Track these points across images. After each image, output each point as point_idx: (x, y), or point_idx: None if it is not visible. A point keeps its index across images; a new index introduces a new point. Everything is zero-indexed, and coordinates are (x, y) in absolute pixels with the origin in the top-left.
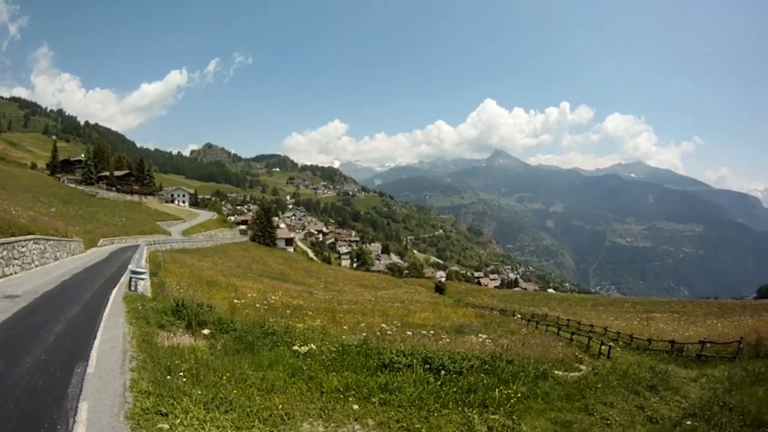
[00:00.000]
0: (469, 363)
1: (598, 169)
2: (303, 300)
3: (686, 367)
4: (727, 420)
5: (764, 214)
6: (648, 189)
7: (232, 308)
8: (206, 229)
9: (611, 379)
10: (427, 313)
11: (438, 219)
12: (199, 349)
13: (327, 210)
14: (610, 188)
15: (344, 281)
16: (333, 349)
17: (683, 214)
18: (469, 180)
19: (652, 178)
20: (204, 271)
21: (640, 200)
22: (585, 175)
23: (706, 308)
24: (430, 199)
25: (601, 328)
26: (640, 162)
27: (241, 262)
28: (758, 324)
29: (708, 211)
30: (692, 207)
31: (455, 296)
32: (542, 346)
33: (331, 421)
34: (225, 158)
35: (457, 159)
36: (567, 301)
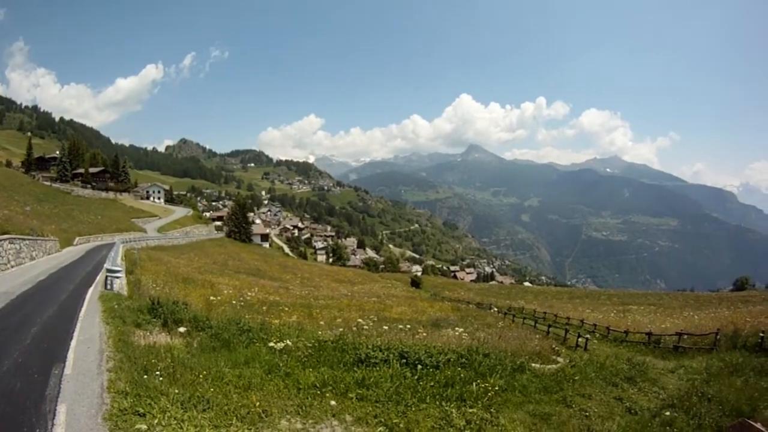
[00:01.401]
0: (446, 357)
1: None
2: (279, 296)
3: (664, 358)
4: (705, 410)
5: (739, 208)
6: (623, 183)
7: (208, 305)
8: (182, 225)
9: (589, 371)
10: (404, 308)
11: (413, 213)
12: (176, 348)
13: (302, 205)
14: (585, 183)
15: (320, 276)
16: (309, 345)
17: (658, 209)
18: (444, 174)
19: (628, 172)
20: (180, 269)
21: (616, 194)
22: (560, 169)
23: (682, 300)
24: (405, 193)
25: (578, 320)
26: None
27: (217, 258)
28: (735, 316)
29: (683, 206)
30: (667, 201)
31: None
32: (519, 339)
33: (309, 417)
34: (200, 154)
35: (432, 153)
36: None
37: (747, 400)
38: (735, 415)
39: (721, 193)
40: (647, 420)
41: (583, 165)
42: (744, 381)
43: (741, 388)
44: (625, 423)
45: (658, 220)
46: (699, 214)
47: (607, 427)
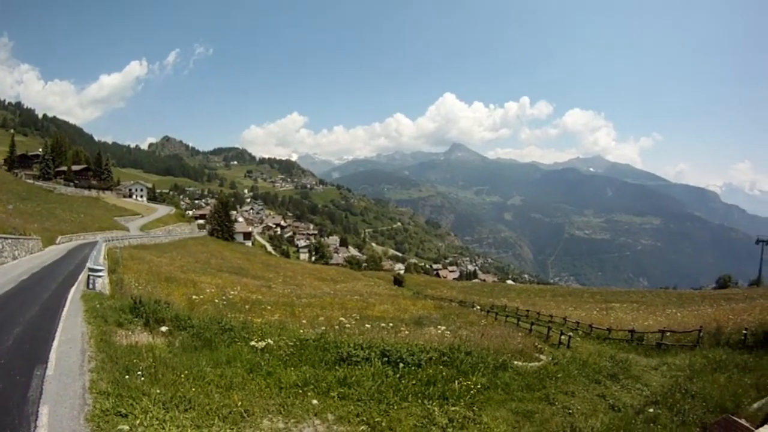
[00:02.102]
0: (428, 355)
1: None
2: (262, 294)
3: (647, 355)
4: (689, 407)
5: (722, 207)
6: (606, 183)
7: (190, 304)
8: (164, 224)
9: (571, 369)
10: (386, 306)
11: (396, 212)
12: (157, 347)
13: (285, 203)
14: (568, 182)
15: (303, 275)
16: (291, 343)
17: (641, 207)
18: (427, 173)
19: (611, 172)
20: (162, 267)
21: (599, 193)
22: (543, 168)
23: (665, 298)
24: (388, 192)
25: (561, 318)
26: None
27: (199, 257)
28: (718, 313)
29: (666, 205)
30: (650, 200)
31: (414, 288)
32: (502, 337)
33: (291, 416)
34: (183, 152)
35: (415, 152)
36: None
37: (731, 396)
38: (719, 411)
39: (704, 192)
40: (631, 417)
41: (566, 164)
42: (727, 378)
43: (725, 385)
44: (609, 420)
45: (641, 219)
46: (682, 213)
47: (591, 424)
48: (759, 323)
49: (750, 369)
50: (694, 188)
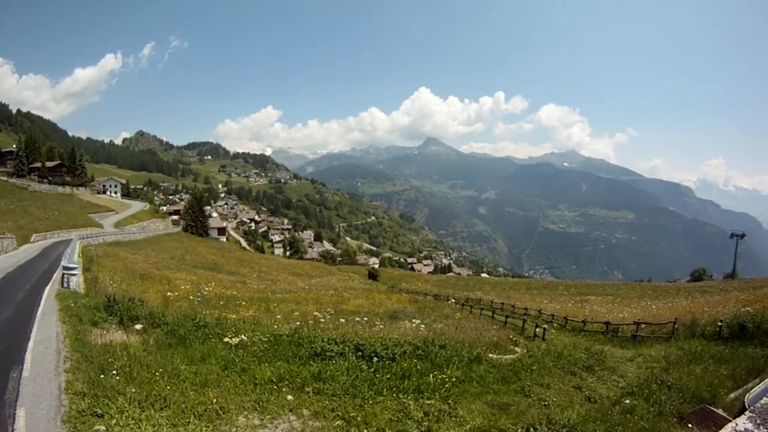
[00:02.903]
0: (402, 349)
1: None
2: (236, 290)
3: (622, 347)
4: (666, 398)
5: (696, 202)
6: (581, 177)
7: (165, 301)
8: (139, 220)
9: (546, 361)
10: (361, 300)
11: (370, 206)
12: (132, 346)
13: (259, 198)
14: (542, 176)
15: (277, 270)
16: (264, 339)
17: (615, 202)
18: (401, 167)
19: (585, 167)
20: (137, 264)
21: (573, 188)
22: (518, 163)
23: (640, 291)
24: (362, 186)
25: (536, 311)
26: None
27: (174, 253)
28: (692, 305)
29: (640, 199)
30: (624, 195)
31: (389, 282)
32: (476, 330)
33: (267, 413)
34: (157, 146)
35: (389, 146)
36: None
37: (707, 387)
38: (696, 402)
39: (678, 187)
40: (607, 408)
41: (541, 159)
42: (703, 368)
43: (701, 376)
44: (585, 411)
45: (615, 213)
46: (656, 207)
47: (567, 416)
48: (734, 315)
49: (726, 360)
50: (668, 183)
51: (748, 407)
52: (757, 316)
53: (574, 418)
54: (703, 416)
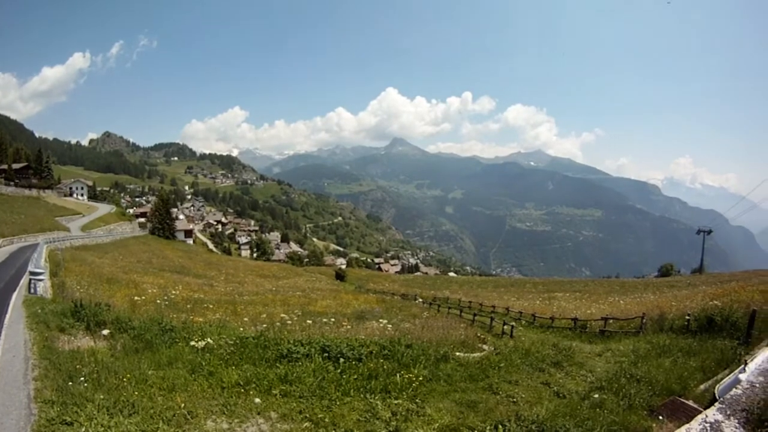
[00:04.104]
0: (368, 349)
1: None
2: (204, 293)
3: (590, 342)
4: (635, 391)
5: (663, 200)
6: (547, 176)
7: (132, 306)
8: (105, 223)
9: (514, 358)
10: (329, 301)
11: (337, 206)
12: (99, 351)
13: (226, 199)
14: (509, 175)
15: (245, 272)
16: (231, 342)
17: (582, 200)
18: (367, 167)
19: (552, 166)
20: (104, 268)
21: (540, 187)
22: (484, 162)
23: (608, 287)
24: (328, 186)
25: (504, 308)
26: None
27: (141, 256)
28: (660, 300)
29: (607, 197)
30: (591, 193)
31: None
32: (444, 329)
33: (235, 416)
34: (124, 147)
35: (356, 146)
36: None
37: (677, 379)
38: (666, 394)
39: (645, 186)
40: (576, 403)
41: (507, 158)
42: (672, 361)
43: (670, 369)
44: (554, 407)
45: (582, 211)
46: (623, 205)
47: (536, 412)
48: (702, 309)
49: (695, 353)
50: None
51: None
52: (724, 309)
53: (543, 414)
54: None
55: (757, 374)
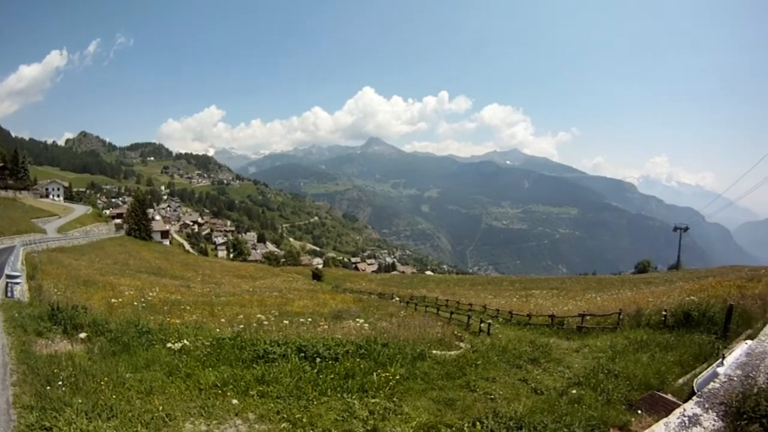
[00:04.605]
0: (345, 348)
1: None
2: (181, 295)
3: (568, 339)
4: (613, 386)
5: (639, 198)
6: (523, 175)
7: (110, 308)
8: (82, 224)
9: (491, 355)
10: (306, 301)
11: (313, 206)
12: (77, 355)
13: (202, 200)
14: (485, 174)
15: (221, 273)
16: (207, 343)
17: (558, 198)
18: (343, 167)
19: (528, 165)
20: (81, 271)
21: (516, 185)
22: (460, 161)
23: (584, 284)
24: (304, 186)
25: (481, 306)
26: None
27: (117, 258)
28: (637, 296)
29: (583, 196)
30: (567, 191)
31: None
32: (420, 327)
33: (213, 418)
34: (100, 147)
35: (332, 146)
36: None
37: (655, 374)
38: (644, 388)
39: (621, 184)
40: (554, 399)
41: (484, 157)
42: (650, 356)
43: (648, 363)
44: (532, 403)
45: (558, 209)
46: (599, 203)
47: (513, 408)
48: (679, 304)
49: (672, 347)
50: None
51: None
52: (701, 304)
53: (520, 411)
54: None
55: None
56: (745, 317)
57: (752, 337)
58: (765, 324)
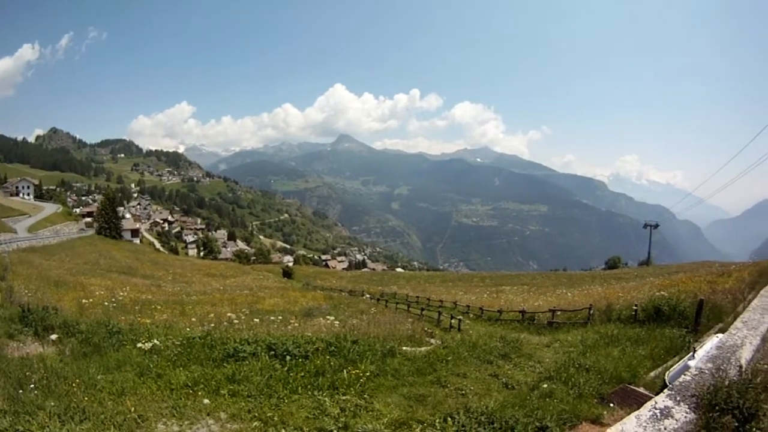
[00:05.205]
0: (314, 346)
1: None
2: (152, 294)
3: (538, 334)
4: (584, 380)
5: (609, 195)
6: (494, 172)
7: (81, 309)
8: (52, 223)
9: (462, 351)
10: (276, 299)
11: (283, 203)
12: (48, 357)
13: (172, 197)
14: (455, 172)
15: (192, 271)
16: (177, 343)
17: (528, 196)
18: (313, 164)
19: (498, 162)
20: (52, 271)
21: (486, 183)
22: (430, 159)
23: (555, 280)
24: (275, 183)
25: (452, 302)
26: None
27: (88, 257)
28: (608, 291)
29: (553, 193)
30: (537, 189)
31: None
32: (391, 324)
33: (185, 418)
34: (70, 144)
35: (302, 143)
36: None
37: (626, 367)
38: (615, 382)
39: (591, 182)
40: (525, 393)
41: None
42: (621, 350)
43: (619, 357)
44: (503, 398)
45: (529, 206)
46: (569, 200)
47: (485, 403)
48: (649, 299)
49: (643, 341)
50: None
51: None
52: (672, 299)
53: (492, 405)
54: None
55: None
56: (716, 312)
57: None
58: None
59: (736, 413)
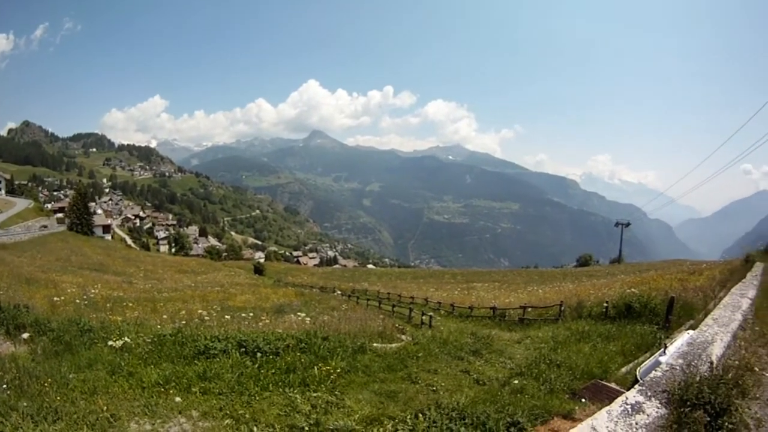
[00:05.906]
0: (285, 343)
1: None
2: (123, 291)
3: (510, 330)
4: (556, 375)
5: (581, 194)
6: (466, 170)
7: (52, 306)
8: (24, 219)
9: (433, 347)
10: (248, 296)
11: (255, 199)
12: (20, 356)
13: (144, 193)
14: (427, 169)
15: (163, 268)
16: (148, 340)
17: (500, 193)
18: (285, 160)
19: (470, 160)
20: (23, 268)
21: (458, 180)
22: (403, 156)
23: (526, 277)
24: (246, 179)
25: (423, 299)
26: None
27: (59, 254)
28: (579, 288)
29: (525, 191)
30: (509, 187)
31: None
32: (362, 321)
33: (157, 417)
34: (42, 138)
35: (274, 138)
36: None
37: (597, 363)
38: (587, 378)
39: (563, 180)
40: (496, 389)
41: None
42: (592, 346)
43: (590, 353)
44: (474, 394)
45: (500, 204)
46: (541, 198)
47: (456, 399)
48: (620, 296)
49: (614, 338)
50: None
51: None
52: (642, 296)
53: (463, 401)
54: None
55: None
56: (687, 309)
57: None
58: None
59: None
